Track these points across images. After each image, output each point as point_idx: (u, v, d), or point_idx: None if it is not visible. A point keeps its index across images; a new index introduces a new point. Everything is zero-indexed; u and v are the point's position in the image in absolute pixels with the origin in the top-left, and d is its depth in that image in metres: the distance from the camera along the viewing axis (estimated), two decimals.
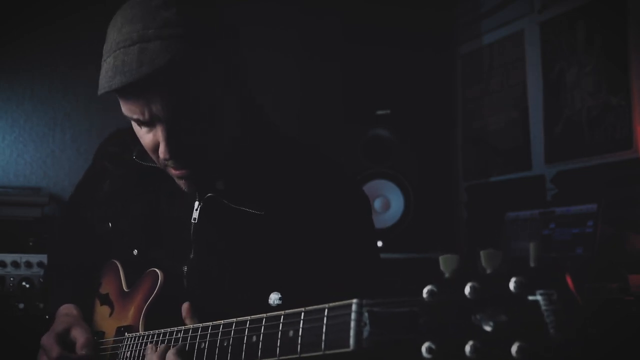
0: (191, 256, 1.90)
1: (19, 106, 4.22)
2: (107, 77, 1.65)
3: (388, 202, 4.18)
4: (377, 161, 4.22)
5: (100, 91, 1.68)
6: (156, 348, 1.68)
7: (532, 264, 1.00)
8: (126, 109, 1.73)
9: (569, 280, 0.96)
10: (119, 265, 2.07)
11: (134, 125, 1.79)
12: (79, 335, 1.92)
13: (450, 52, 4.85)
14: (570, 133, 3.90)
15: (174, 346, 1.64)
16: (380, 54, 4.25)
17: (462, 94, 4.81)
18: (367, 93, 4.30)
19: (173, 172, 1.81)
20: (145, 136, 1.77)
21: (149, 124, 1.73)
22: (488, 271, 1.04)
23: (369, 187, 4.12)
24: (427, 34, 4.41)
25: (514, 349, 0.96)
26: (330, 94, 4.52)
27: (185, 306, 1.73)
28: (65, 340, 1.94)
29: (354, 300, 1.18)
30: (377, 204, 4.15)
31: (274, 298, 1.46)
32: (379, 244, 3.96)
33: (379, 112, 4.22)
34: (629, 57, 3.55)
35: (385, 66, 4.25)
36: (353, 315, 1.17)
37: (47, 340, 1.94)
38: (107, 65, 1.66)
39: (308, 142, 2.04)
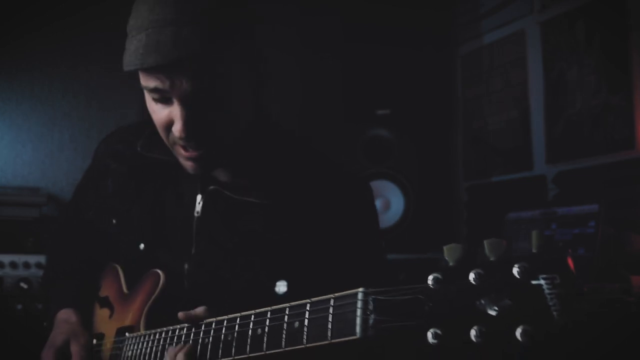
0: (193, 252, 1.90)
1: (17, 106, 4.22)
2: (138, 54, 1.65)
3: (388, 202, 4.18)
4: (377, 161, 4.22)
5: (129, 67, 1.68)
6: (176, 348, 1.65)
7: (534, 250, 1.01)
8: (146, 79, 1.72)
9: (570, 263, 0.98)
10: (119, 268, 2.06)
11: (148, 99, 1.79)
12: (74, 352, 1.93)
13: (451, 51, 4.85)
14: (572, 133, 3.90)
15: (185, 346, 1.62)
16: (380, 53, 4.24)
17: (463, 94, 4.81)
18: (367, 93, 4.29)
19: (183, 152, 1.80)
20: (160, 112, 1.76)
21: (166, 100, 1.72)
22: (492, 259, 1.05)
23: None
24: (427, 33, 4.40)
25: (518, 332, 0.97)
26: (330, 94, 4.52)
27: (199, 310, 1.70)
28: (65, 354, 1.94)
29: (360, 289, 1.20)
30: (377, 204, 4.13)
31: (281, 285, 1.47)
32: None
33: (379, 112, 4.22)
34: (630, 56, 3.55)
35: (385, 66, 4.25)
36: (359, 304, 1.19)
37: (47, 356, 1.94)
38: (138, 43, 1.66)
39: (308, 139, 2.05)
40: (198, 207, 1.91)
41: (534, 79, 4.20)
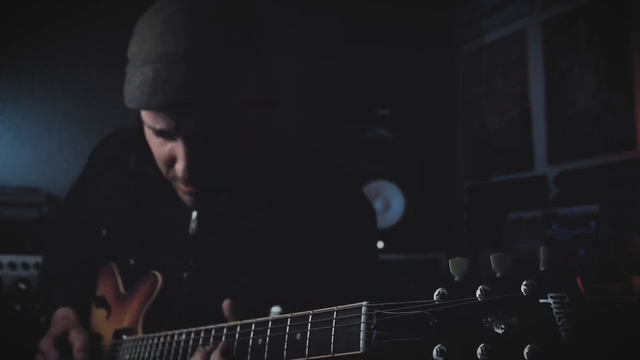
0: (190, 263, 1.89)
1: (17, 106, 4.20)
2: (145, 92, 1.57)
3: (388, 202, 4.17)
4: (377, 161, 4.21)
5: (133, 105, 1.61)
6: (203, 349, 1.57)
7: (542, 268, 1.00)
8: (151, 119, 1.66)
9: (579, 283, 0.97)
10: (115, 268, 2.05)
11: (148, 132, 1.74)
12: (75, 340, 1.91)
13: (451, 51, 4.83)
14: (573, 133, 3.89)
15: (218, 345, 1.54)
16: (380, 53, 4.24)
17: (463, 94, 4.80)
18: (367, 92, 4.29)
19: (182, 187, 1.78)
20: (161, 147, 1.72)
21: (169, 135, 1.67)
22: (498, 274, 1.04)
23: (369, 188, 4.10)
24: (427, 33, 4.40)
25: (525, 351, 0.96)
26: (330, 94, 4.51)
27: (226, 303, 1.62)
28: (63, 343, 1.93)
29: (364, 303, 1.19)
30: (377, 205, 4.12)
31: (275, 312, 1.46)
32: (380, 244, 3.95)
33: (379, 112, 4.21)
34: (631, 56, 3.54)
35: (385, 66, 4.25)
36: (363, 318, 1.17)
37: (46, 344, 1.93)
38: (145, 78, 1.57)
39: (309, 145, 2.02)
40: (193, 223, 1.90)
41: (534, 79, 4.19)
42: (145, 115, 1.67)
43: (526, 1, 4.23)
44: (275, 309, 1.48)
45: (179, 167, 1.69)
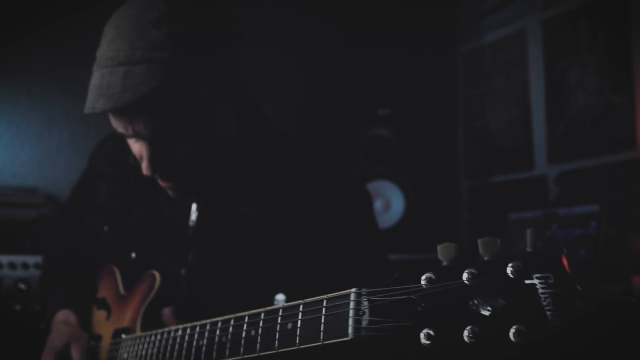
0: (189, 258, 1.89)
1: (15, 106, 4.20)
2: (92, 96, 1.61)
3: (388, 202, 4.17)
4: (377, 161, 4.21)
5: (85, 110, 1.64)
6: None
7: (528, 249, 1.00)
8: (112, 122, 1.70)
9: (565, 262, 0.96)
10: (115, 269, 2.06)
11: None
12: (75, 356, 1.92)
13: (452, 51, 4.83)
14: (573, 132, 3.89)
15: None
16: (380, 53, 4.24)
17: (464, 93, 4.80)
18: (367, 93, 4.29)
19: (159, 182, 1.81)
20: (133, 145, 1.76)
21: (134, 137, 1.71)
22: (485, 258, 1.04)
23: (369, 188, 4.08)
24: (428, 33, 4.39)
25: (511, 332, 0.96)
26: (330, 94, 4.52)
27: (167, 311, 1.70)
28: (65, 357, 1.94)
29: (352, 290, 1.19)
30: (377, 205, 4.12)
31: (280, 300, 1.46)
32: None
33: (380, 112, 4.21)
34: (632, 55, 3.54)
35: (385, 66, 4.25)
36: (351, 305, 1.18)
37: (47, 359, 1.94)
38: (94, 82, 1.62)
39: (306, 142, 2.02)
40: (193, 215, 1.90)
41: (535, 78, 4.19)
42: (110, 118, 1.70)
43: (527, 1, 4.24)
44: (280, 297, 1.48)
45: (143, 166, 1.72)
